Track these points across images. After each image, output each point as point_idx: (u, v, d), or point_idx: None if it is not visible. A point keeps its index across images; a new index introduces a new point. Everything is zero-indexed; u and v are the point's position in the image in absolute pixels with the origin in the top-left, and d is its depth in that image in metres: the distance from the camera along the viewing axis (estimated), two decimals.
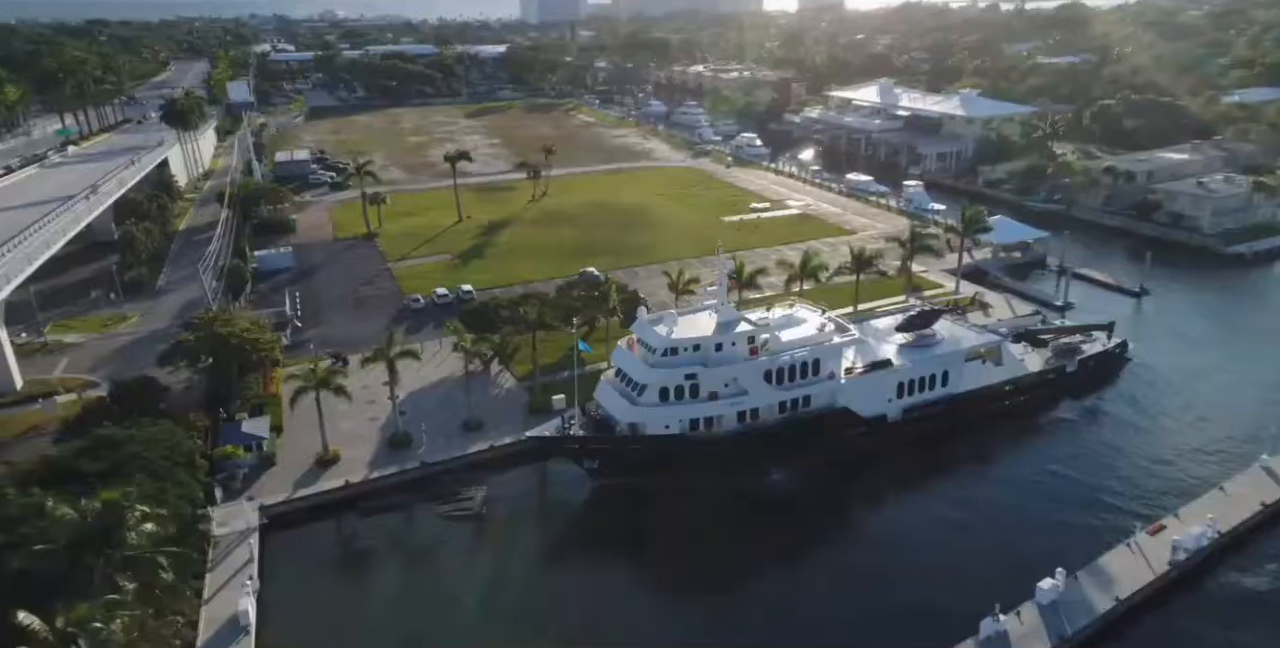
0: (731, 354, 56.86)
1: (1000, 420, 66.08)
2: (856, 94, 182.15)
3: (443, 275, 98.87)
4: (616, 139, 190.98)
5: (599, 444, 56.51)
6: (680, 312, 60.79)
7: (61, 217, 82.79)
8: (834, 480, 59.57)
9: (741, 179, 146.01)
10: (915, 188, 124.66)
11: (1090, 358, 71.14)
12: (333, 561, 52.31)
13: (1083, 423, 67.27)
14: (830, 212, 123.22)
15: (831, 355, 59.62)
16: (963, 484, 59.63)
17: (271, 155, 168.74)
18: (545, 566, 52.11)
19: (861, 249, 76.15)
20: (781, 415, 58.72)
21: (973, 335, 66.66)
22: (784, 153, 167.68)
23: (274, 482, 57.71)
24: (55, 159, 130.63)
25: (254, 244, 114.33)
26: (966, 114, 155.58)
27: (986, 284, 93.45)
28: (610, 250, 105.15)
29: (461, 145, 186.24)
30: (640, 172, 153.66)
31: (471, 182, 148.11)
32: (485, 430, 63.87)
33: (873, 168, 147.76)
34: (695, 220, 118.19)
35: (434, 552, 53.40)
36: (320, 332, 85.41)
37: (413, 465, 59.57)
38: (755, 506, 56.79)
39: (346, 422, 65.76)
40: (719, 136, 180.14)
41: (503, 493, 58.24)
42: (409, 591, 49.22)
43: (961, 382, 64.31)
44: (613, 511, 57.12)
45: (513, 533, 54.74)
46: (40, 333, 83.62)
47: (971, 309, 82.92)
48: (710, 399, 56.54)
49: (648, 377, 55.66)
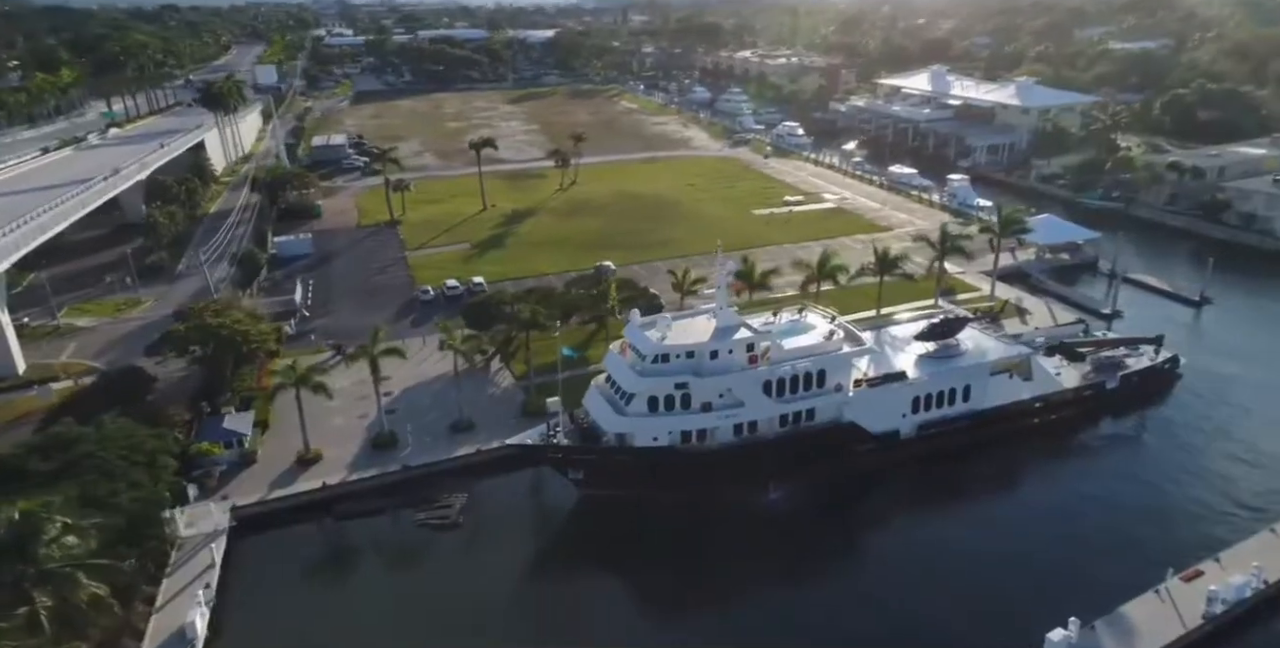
0: (728, 363, 52.91)
1: (1029, 440, 60.86)
2: (906, 82, 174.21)
3: (457, 266, 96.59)
4: (656, 126, 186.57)
5: (583, 455, 53.26)
6: (675, 315, 56.95)
7: (69, 201, 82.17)
8: (837, 500, 55.37)
9: (779, 170, 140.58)
10: (960, 182, 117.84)
11: (1134, 374, 65.16)
12: (300, 568, 50.02)
13: (1121, 446, 61.67)
14: (867, 206, 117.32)
15: (839, 366, 55.20)
16: (977, 510, 54.84)
17: (309, 139, 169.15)
18: (520, 582, 49.11)
19: (886, 249, 71.04)
20: (782, 429, 54.65)
21: (1000, 347, 61.38)
22: (827, 143, 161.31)
23: (251, 481, 55.93)
24: (93, 141, 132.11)
25: (279, 230, 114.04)
26: (1022, 103, 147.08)
27: (1028, 288, 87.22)
28: (632, 244, 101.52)
29: (499, 131, 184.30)
30: (675, 161, 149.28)
31: (503, 169, 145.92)
32: (475, 433, 61.20)
33: (919, 160, 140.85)
34: (724, 213, 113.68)
35: (405, 563, 50.95)
36: (327, 321, 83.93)
37: (394, 468, 57.20)
38: (751, 524, 53.02)
39: (337, 417, 63.84)
40: (761, 125, 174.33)
41: (484, 501, 55.50)
42: (373, 605, 46.67)
43: (985, 397, 59.25)
44: (597, 525, 53.90)
45: (489, 546, 51.83)
46: (54, 316, 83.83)
47: (1007, 316, 77.20)
48: (703, 410, 52.75)
49: (636, 385, 52.12)
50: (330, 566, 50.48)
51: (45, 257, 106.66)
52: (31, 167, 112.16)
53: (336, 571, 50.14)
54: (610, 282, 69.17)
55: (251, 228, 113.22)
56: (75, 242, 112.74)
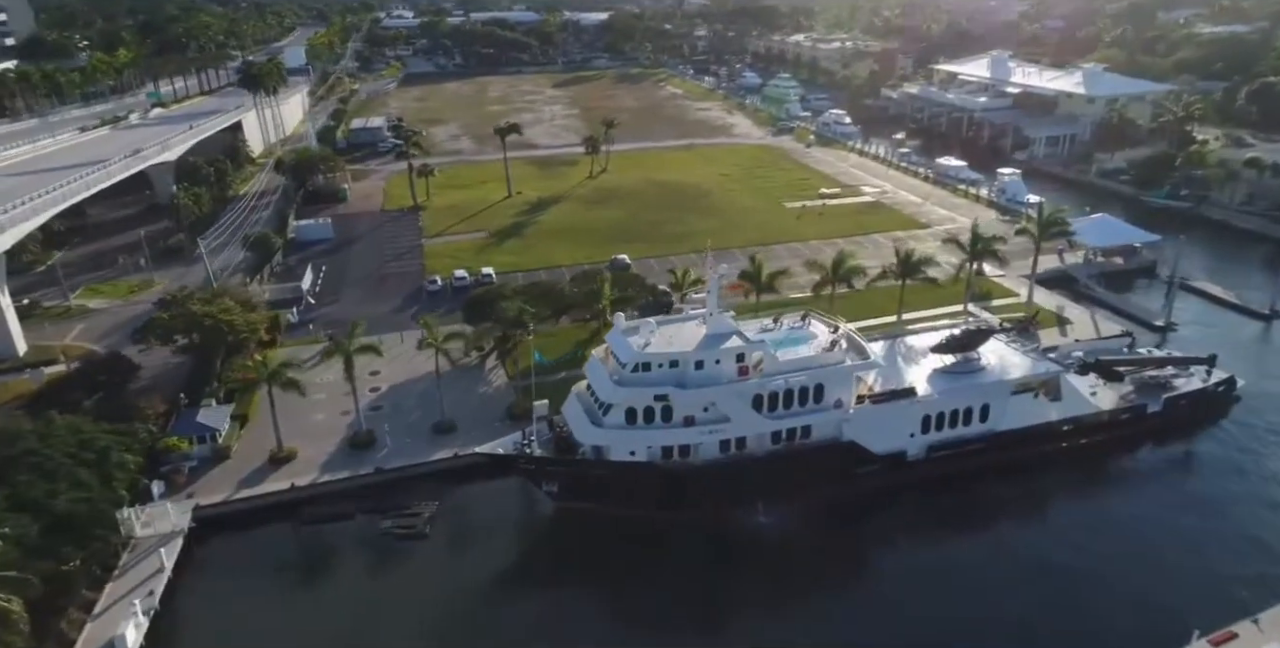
0: (714, 374, 48.77)
1: (1054, 467, 55.36)
2: (964, 68, 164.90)
3: (471, 255, 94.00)
4: (699, 112, 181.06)
5: (557, 467, 49.93)
6: (663, 319, 52.85)
7: (73, 183, 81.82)
8: (834, 525, 50.89)
9: (819, 160, 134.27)
10: (1010, 176, 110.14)
11: (1181, 397, 58.77)
12: (254, 576, 47.66)
13: (1158, 479, 55.65)
14: (908, 201, 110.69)
15: (838, 381, 50.55)
16: (983, 544, 49.74)
17: (349, 122, 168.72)
18: (485, 600, 45.92)
19: (909, 251, 65.50)
20: (774, 447, 50.38)
21: (1026, 363, 55.76)
22: (876, 132, 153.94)
23: (221, 479, 54.10)
24: (133, 121, 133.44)
25: (305, 213, 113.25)
26: (1087, 92, 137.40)
27: (1073, 295, 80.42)
28: (653, 236, 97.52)
29: (539, 116, 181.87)
30: (713, 149, 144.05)
31: (537, 155, 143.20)
32: (456, 435, 58.39)
33: (972, 152, 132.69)
34: (754, 205, 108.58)
35: (365, 575, 48.24)
36: (332, 310, 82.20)
37: (367, 471, 54.80)
38: (740, 547, 49.31)
39: (320, 413, 61.76)
40: (807, 112, 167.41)
41: (456, 509, 52.69)
42: (325, 620, 44.11)
43: (1005, 418, 53.89)
44: (571, 541, 50.58)
45: (455, 560, 48.91)
46: (66, 297, 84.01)
47: (1045, 325, 71.08)
48: (686, 425, 48.81)
49: (613, 394, 48.43)
50: (287, 574, 48.11)
51: (77, 234, 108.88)
52: (65, 145, 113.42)
53: (293, 580, 47.79)
54: (604, 279, 65.24)
55: (274, 211, 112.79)
56: (107, 221, 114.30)
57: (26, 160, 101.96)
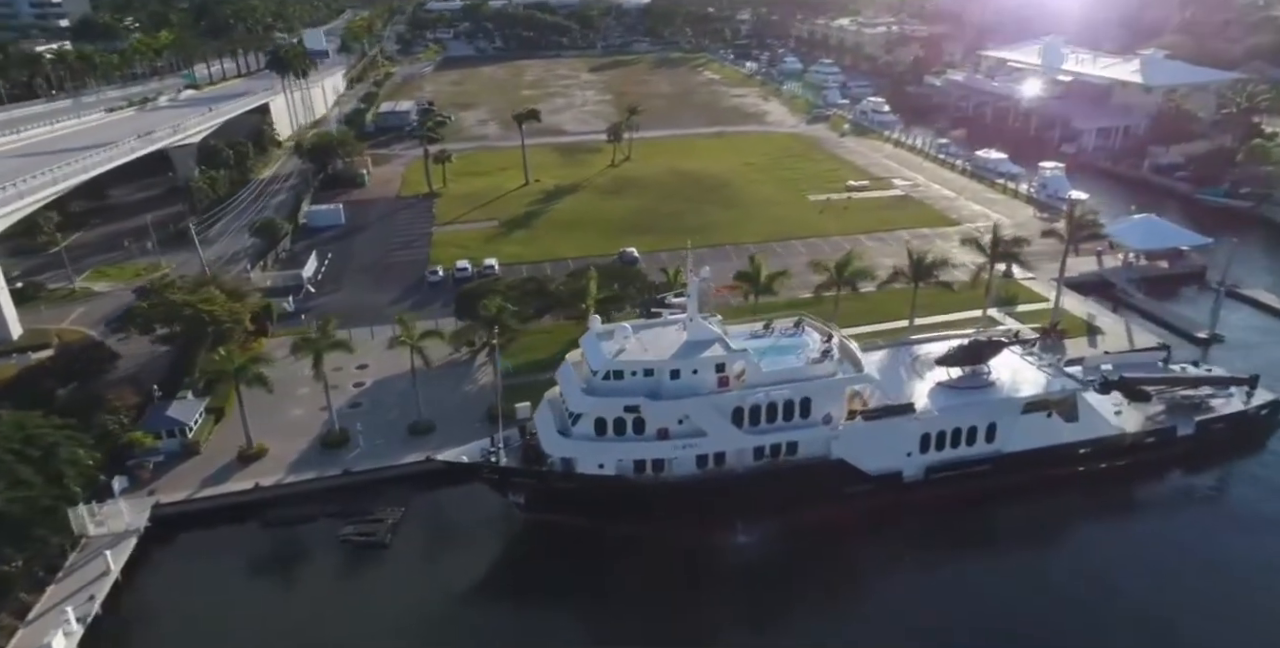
0: (692, 384, 45.37)
1: (1067, 492, 50.72)
2: (1014, 54, 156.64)
3: (479, 245, 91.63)
4: (734, 99, 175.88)
5: (522, 478, 47.15)
6: (641, 324, 49.44)
7: (69, 166, 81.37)
8: (818, 547, 47.12)
9: (852, 150, 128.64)
10: (1053, 171, 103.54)
11: (1217, 420, 53.52)
12: (205, 581, 45.73)
13: (1185, 510, 50.69)
14: (939, 196, 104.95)
15: (828, 394, 46.72)
16: (986, 573, 45.68)
17: (378, 105, 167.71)
18: (437, 618, 43.38)
19: (923, 253, 60.86)
20: (756, 463, 46.86)
21: (1040, 379, 51.11)
22: (917, 121, 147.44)
23: (187, 475, 52.53)
24: (162, 103, 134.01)
25: (323, 198, 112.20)
26: (1144, 81, 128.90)
27: (1110, 301, 74.83)
28: (667, 228, 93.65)
29: (571, 101, 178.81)
30: (742, 137, 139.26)
31: (561, 141, 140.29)
32: (432, 437, 55.97)
33: (1017, 143, 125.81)
34: (777, 198, 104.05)
35: (317, 585, 45.86)
36: (331, 299, 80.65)
37: (334, 472, 52.75)
38: (714, 566, 46.14)
39: (298, 408, 59.99)
40: (846, 100, 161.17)
41: (421, 517, 50.29)
42: (268, 632, 42.30)
43: (1014, 438, 49.49)
44: (539, 557, 47.71)
45: (412, 573, 46.19)
46: (71, 279, 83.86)
47: (1074, 334, 65.98)
48: (659, 438, 45.55)
49: (582, 404, 45.37)
50: (239, 580, 46.10)
51: (95, 216, 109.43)
52: (89, 125, 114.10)
53: (243, 587, 45.73)
54: (591, 276, 61.97)
55: (290, 195, 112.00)
56: (128, 202, 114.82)
57: (41, 141, 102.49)
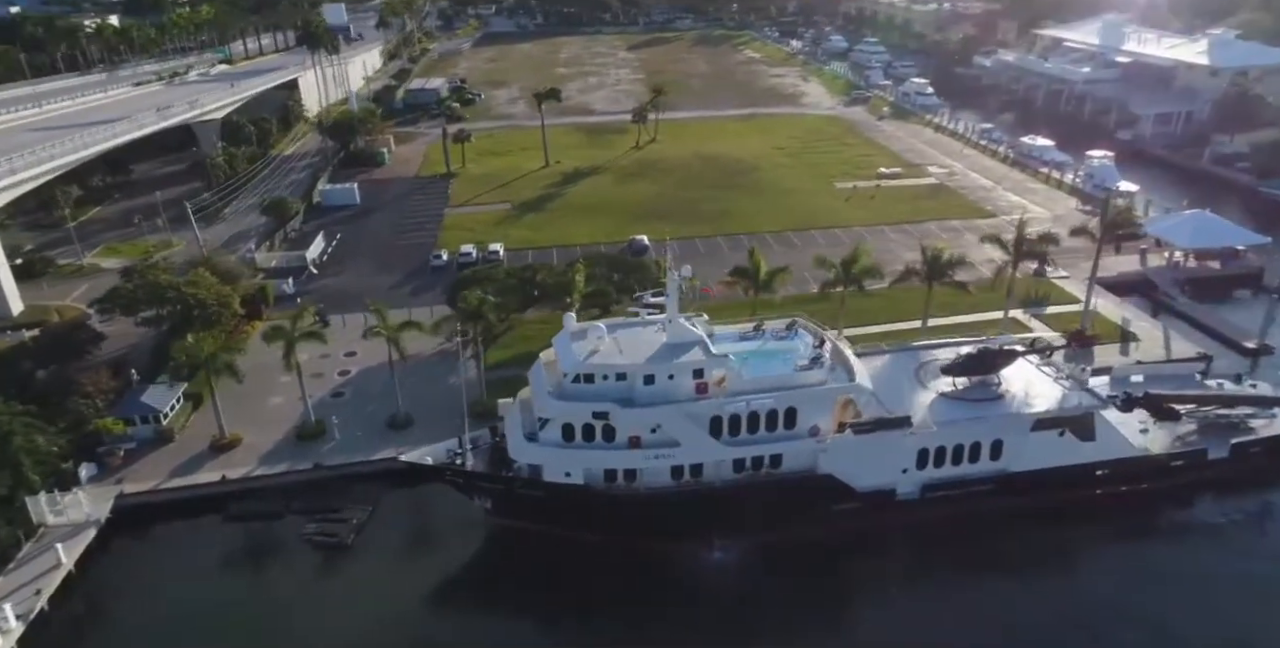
0: (667, 390, 42.33)
1: (1081, 516, 46.67)
2: (1071, 34, 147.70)
3: (488, 228, 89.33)
4: (771, 79, 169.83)
5: (487, 484, 44.85)
6: (618, 323, 46.29)
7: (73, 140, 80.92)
8: (800, 567, 43.90)
9: (889, 134, 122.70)
10: (1101, 160, 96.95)
11: (1255, 443, 48.65)
12: (162, 575, 44.41)
13: (1213, 541, 46.17)
14: (976, 185, 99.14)
15: (815, 404, 43.27)
16: (975, 604, 41.97)
17: (410, 82, 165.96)
18: (392, 627, 41.55)
19: (938, 250, 56.48)
20: (736, 476, 43.78)
21: (1054, 394, 46.88)
22: (965, 104, 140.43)
23: (157, 464, 51.35)
24: (191, 77, 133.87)
25: (343, 176, 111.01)
26: (1211, 62, 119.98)
27: (1150, 304, 69.43)
28: (683, 215, 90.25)
29: (604, 80, 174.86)
30: (775, 119, 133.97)
31: (589, 121, 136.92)
32: (411, 431, 54.04)
33: (1070, 129, 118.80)
34: (801, 184, 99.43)
35: (275, 587, 44.19)
36: (332, 282, 79.29)
37: (304, 467, 51.13)
38: (686, 584, 43.49)
39: (279, 395, 58.56)
40: (889, 81, 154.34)
41: (389, 517, 48.36)
42: (218, 634, 40.86)
43: (1022, 457, 45.50)
44: (504, 565, 45.55)
45: (372, 578, 44.05)
46: (81, 254, 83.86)
47: (1105, 340, 61.14)
48: (630, 446, 42.71)
49: (549, 408, 42.70)
50: (194, 578, 44.35)
51: (117, 190, 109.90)
52: (113, 99, 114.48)
53: (198, 585, 43.79)
54: (579, 269, 58.99)
55: (309, 174, 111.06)
56: (152, 177, 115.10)
57: (62, 115, 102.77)
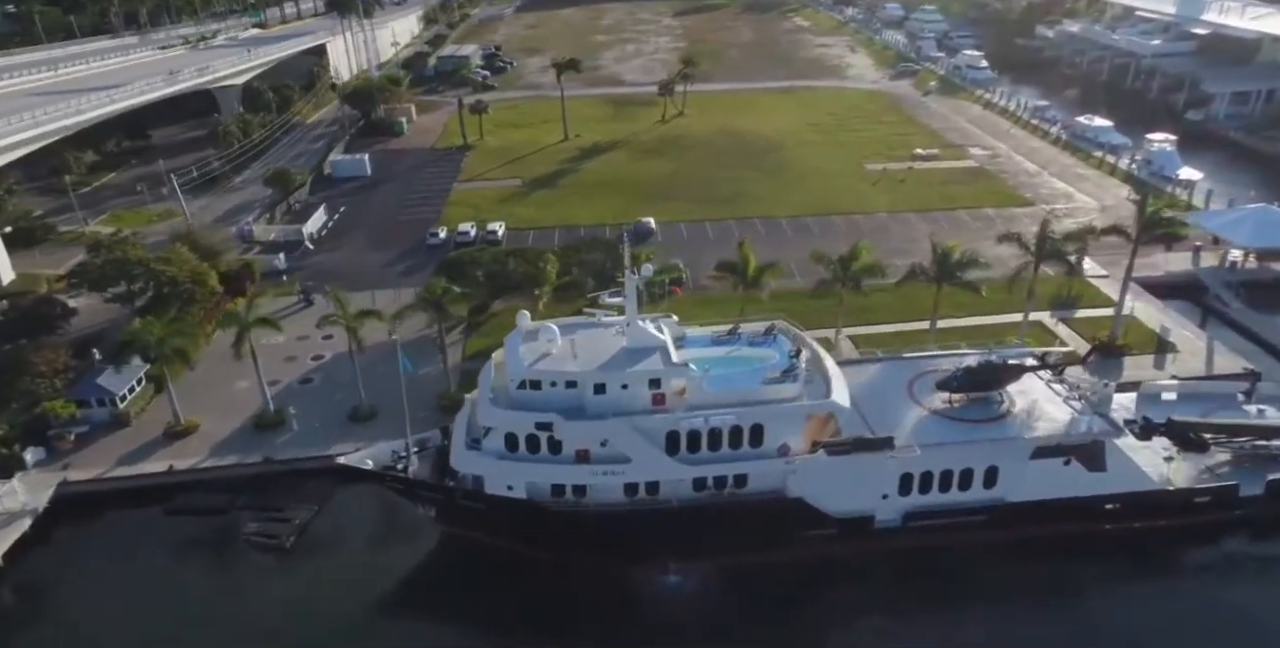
0: (620, 400, 38.47)
1: (1094, 551, 41.67)
2: (1146, 1, 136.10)
3: (493, 205, 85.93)
4: (816, 49, 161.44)
5: (428, 492, 41.86)
6: (573, 324, 42.25)
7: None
8: (762, 597, 40.03)
9: (932, 111, 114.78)
10: (1162, 144, 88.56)
11: None
12: (92, 571, 42.55)
13: (1241, 587, 40.63)
14: (1020, 169, 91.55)
15: (784, 421, 38.96)
16: (962, 642, 37.74)
17: (444, 48, 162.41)
18: (323, 638, 39.34)
19: (948, 247, 50.86)
20: (697, 495, 39.91)
21: (1062, 417, 41.63)
22: (1021, 78, 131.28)
23: (107, 450, 49.48)
24: (218, 41, 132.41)
25: (357, 146, 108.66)
26: None
27: (1198, 310, 62.76)
28: (698, 196, 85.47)
29: (642, 48, 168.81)
30: (813, 93, 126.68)
31: (619, 92, 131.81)
32: (374, 424, 51.35)
33: (1135, 107, 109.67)
34: (830, 165, 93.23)
35: (209, 590, 41.91)
36: (327, 258, 77.02)
37: (254, 460, 48.92)
38: (642, 607, 40.22)
39: (246, 379, 56.05)
40: (942, 53, 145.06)
41: (336, 518, 45.81)
42: (139, 638, 39.08)
43: (1020, 486, 40.62)
44: (450, 577, 42.42)
45: (310, 583, 41.62)
46: (85, 221, 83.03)
47: (1138, 350, 55.16)
48: (579, 461, 39.12)
49: (490, 416, 39.27)
50: (126, 575, 42.27)
51: (134, 156, 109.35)
52: (131, 63, 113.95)
53: (128, 583, 41.77)
54: (550, 258, 54.96)
55: (325, 143, 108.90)
56: (173, 143, 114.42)
57: (71, 79, 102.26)
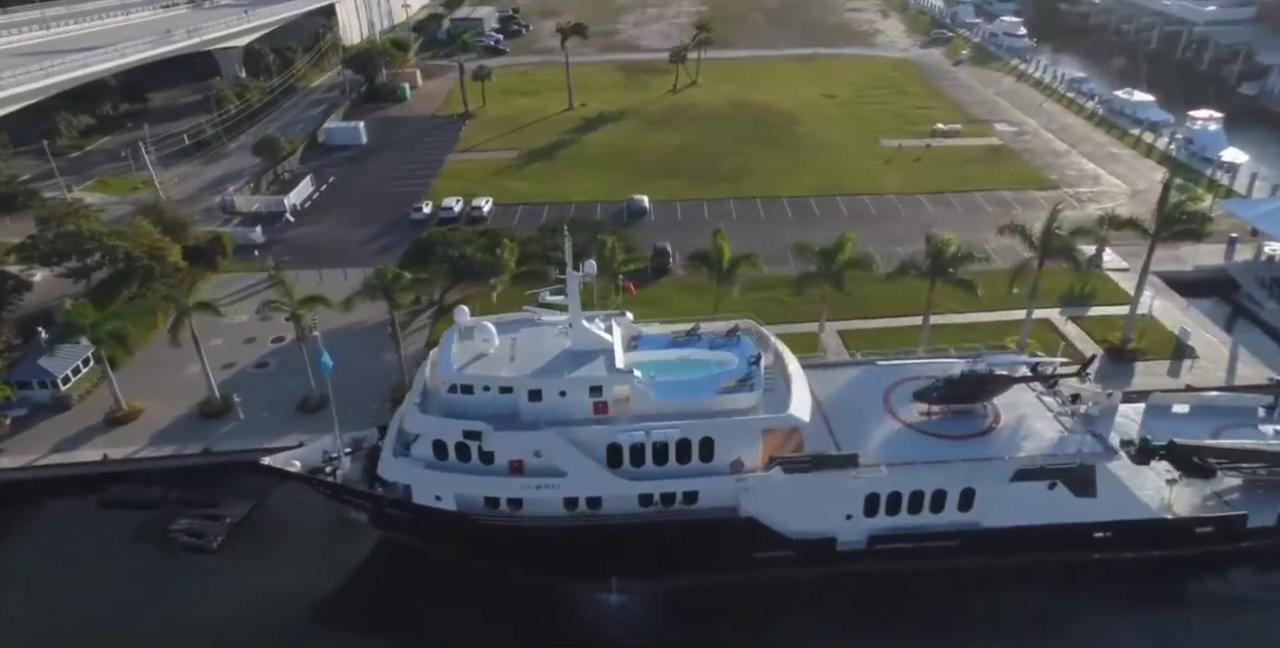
0: (558, 408, 35.20)
1: (1083, 578, 37.90)
2: None
3: (487, 178, 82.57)
4: (847, 13, 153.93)
5: (355, 499, 39.26)
6: (514, 322, 38.85)
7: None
8: (710, 620, 37.03)
9: (960, 83, 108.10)
10: (1206, 122, 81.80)
11: None
12: (9, 568, 40.96)
13: (1250, 626, 36.67)
14: (1047, 148, 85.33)
15: (735, 435, 35.38)
16: None
17: (458, 10, 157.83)
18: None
19: (943, 242, 46.27)
20: (643, 510, 36.72)
21: (1049, 435, 37.46)
22: (1063, 47, 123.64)
23: (44, 435, 47.41)
24: (207, 5, 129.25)
25: (357, 113, 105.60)
26: None
27: (1226, 309, 57.56)
28: (699, 172, 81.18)
29: (664, 12, 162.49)
30: (836, 62, 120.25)
31: (634, 58, 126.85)
32: (322, 416, 48.48)
33: (1184, 80, 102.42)
34: (843, 141, 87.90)
35: (133, 592, 39.50)
36: (306, 231, 74.41)
37: (193, 451, 46.71)
38: (582, 625, 37.48)
39: (194, 364, 53.68)
40: (980, 18, 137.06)
41: (270, 517, 43.32)
42: (48, 640, 37.32)
43: (998, 510, 36.78)
44: (386, 582, 39.78)
45: (234, 588, 39.15)
46: (68, 188, 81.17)
47: (1152, 355, 50.47)
48: (512, 472, 36.07)
49: (416, 422, 36.31)
50: (45, 571, 40.36)
51: (130, 119, 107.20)
52: (129, 23, 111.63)
53: (46, 580, 39.86)
54: (512, 242, 51.42)
55: (324, 109, 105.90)
56: (173, 107, 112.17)
57: (61, 38, 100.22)
